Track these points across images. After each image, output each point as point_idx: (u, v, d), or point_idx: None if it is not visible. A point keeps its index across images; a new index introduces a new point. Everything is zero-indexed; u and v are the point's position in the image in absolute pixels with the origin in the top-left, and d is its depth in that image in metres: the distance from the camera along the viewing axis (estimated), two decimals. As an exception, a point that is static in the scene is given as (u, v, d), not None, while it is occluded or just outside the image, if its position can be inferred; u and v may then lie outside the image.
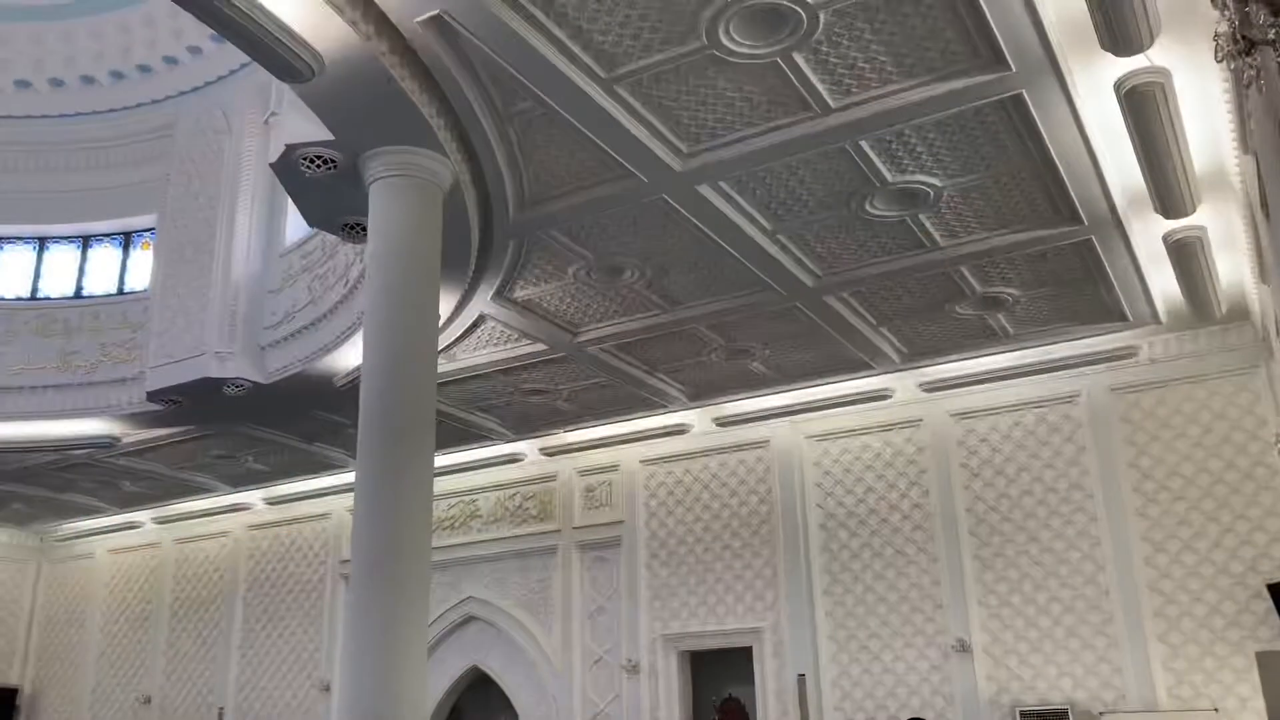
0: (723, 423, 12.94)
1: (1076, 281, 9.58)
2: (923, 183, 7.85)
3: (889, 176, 7.75)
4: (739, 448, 12.92)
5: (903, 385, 11.95)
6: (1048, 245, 8.83)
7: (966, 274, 9.37)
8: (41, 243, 13.47)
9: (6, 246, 13.45)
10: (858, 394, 12.08)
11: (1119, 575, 10.62)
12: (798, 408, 12.44)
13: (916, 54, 6.36)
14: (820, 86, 6.66)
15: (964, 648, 11.06)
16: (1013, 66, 6.35)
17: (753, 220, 8.41)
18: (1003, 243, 8.79)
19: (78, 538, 18.02)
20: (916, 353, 11.30)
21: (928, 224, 8.52)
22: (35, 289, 13.26)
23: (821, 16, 5.99)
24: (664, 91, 6.72)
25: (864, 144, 7.31)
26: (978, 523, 11.41)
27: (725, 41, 6.19)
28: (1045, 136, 7.14)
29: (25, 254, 13.44)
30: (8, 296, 13.15)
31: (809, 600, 11.99)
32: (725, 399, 12.57)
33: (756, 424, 12.76)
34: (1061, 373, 11.29)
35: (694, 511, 13.01)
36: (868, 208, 8.20)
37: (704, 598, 12.64)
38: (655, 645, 12.73)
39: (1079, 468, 11.11)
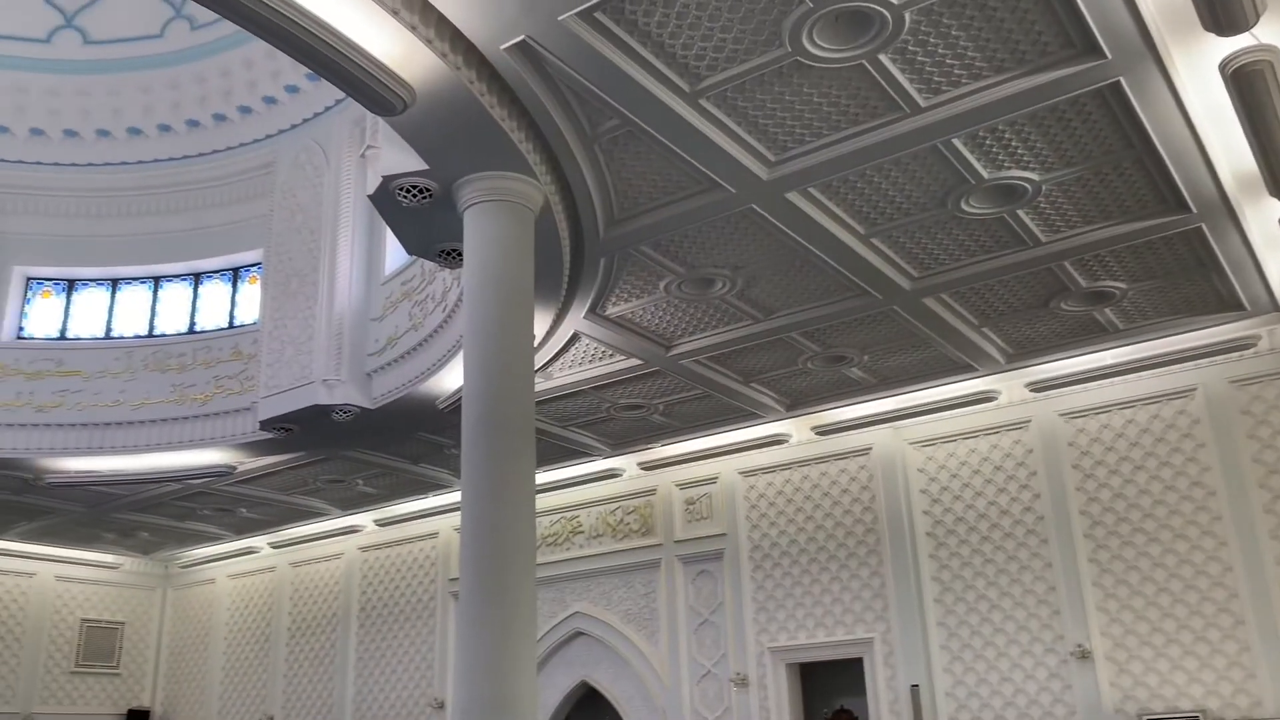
0: (822, 431, 12.80)
1: (1187, 271, 9.22)
2: (1020, 178, 7.67)
3: (984, 173, 7.59)
4: (840, 456, 12.75)
5: (1008, 386, 11.65)
6: (1155, 235, 8.52)
7: (1070, 269, 9.10)
8: (156, 282, 14.09)
9: (124, 287, 14.11)
10: (962, 397, 11.82)
11: (1248, 576, 10.14)
12: (899, 413, 12.23)
13: (1007, 48, 6.22)
14: (909, 86, 6.56)
15: (1084, 654, 10.69)
16: (1108, 54, 6.16)
17: (845, 225, 8.32)
18: (1106, 235, 8.52)
19: (200, 564, 18.74)
20: (1021, 352, 11.02)
21: (1027, 220, 8.30)
22: (152, 326, 13.88)
23: (907, 16, 5.91)
24: (749, 101, 6.71)
25: (956, 142, 7.17)
26: (1093, 525, 11.03)
27: (809, 47, 6.15)
28: (1147, 124, 6.90)
29: (142, 293, 14.08)
30: (127, 335, 13.79)
31: (919, 609, 11.74)
32: (824, 407, 12.44)
33: (857, 431, 12.58)
34: (1175, 366, 10.87)
35: (796, 522, 12.88)
36: (963, 206, 8.04)
37: (810, 609, 12.49)
38: (763, 658, 12.62)
39: (1199, 465, 10.66)
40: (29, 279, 13.91)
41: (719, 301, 9.68)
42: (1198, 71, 6.43)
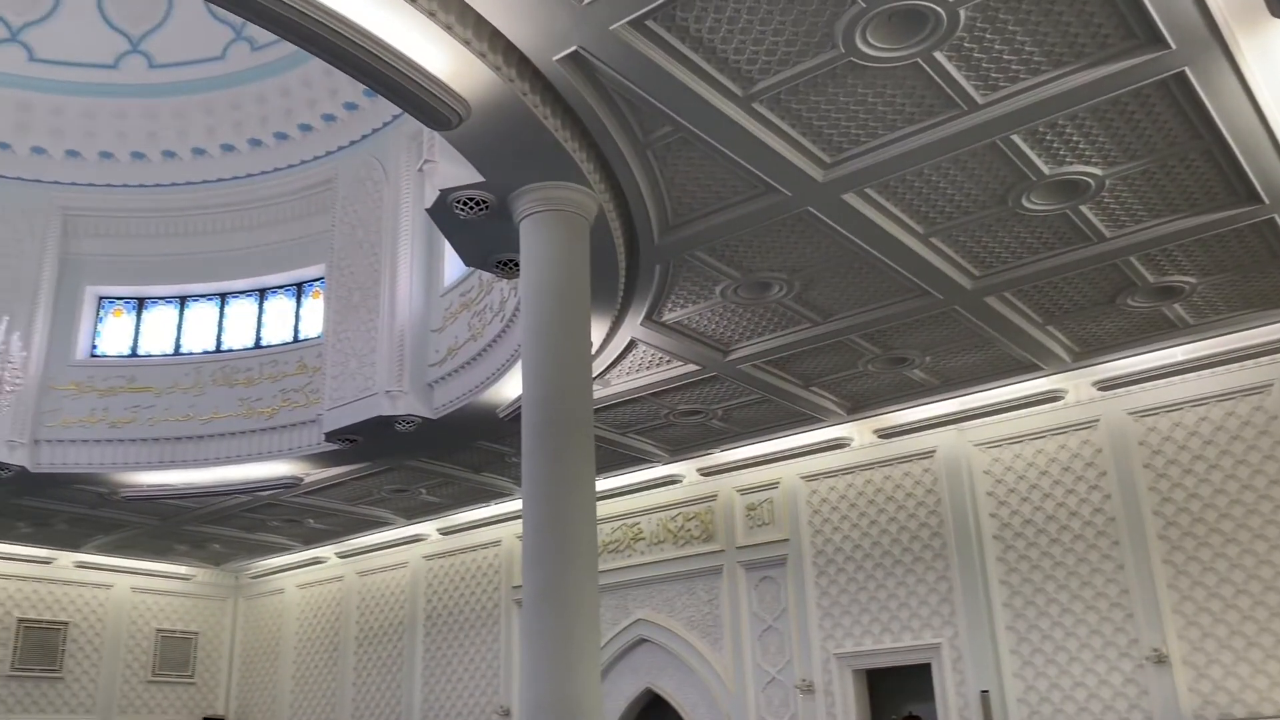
0: (885, 434, 12.66)
1: (1260, 263, 8.96)
2: (1082, 173, 7.52)
3: (1045, 169, 7.45)
4: (904, 459, 12.60)
5: (1075, 385, 11.42)
6: (1225, 228, 8.30)
7: (1136, 264, 8.90)
8: (223, 298, 14.42)
9: (192, 304, 14.45)
10: (1027, 397, 11.61)
11: (1332, 577, 9.81)
12: (964, 415, 12.05)
13: (1065, 41, 6.10)
14: (965, 83, 6.47)
15: (1161, 659, 10.42)
16: (1172, 44, 6.02)
17: (903, 225, 8.22)
18: (1174, 229, 8.31)
19: (269, 574, 19.10)
20: (1088, 350, 10.80)
21: (1090, 215, 8.14)
22: (219, 342, 14.19)
23: (962, 13, 5.83)
24: (803, 103, 6.67)
25: (1016, 138, 7.05)
26: (1166, 526, 10.75)
27: (863, 47, 6.09)
28: (1215, 114, 6.72)
29: (209, 310, 14.41)
30: (195, 351, 14.13)
31: (988, 613, 11.54)
32: (886, 410, 12.30)
33: (920, 434, 12.42)
34: (1250, 362, 10.56)
35: (860, 527, 12.75)
36: (1025, 203, 7.90)
37: (876, 614, 12.35)
38: (829, 664, 12.51)
39: (1276, 462, 10.33)
40: (101, 298, 14.31)
41: (776, 305, 9.63)
42: (1266, 59, 6.25)
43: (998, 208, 7.99)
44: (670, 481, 14.27)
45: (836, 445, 12.97)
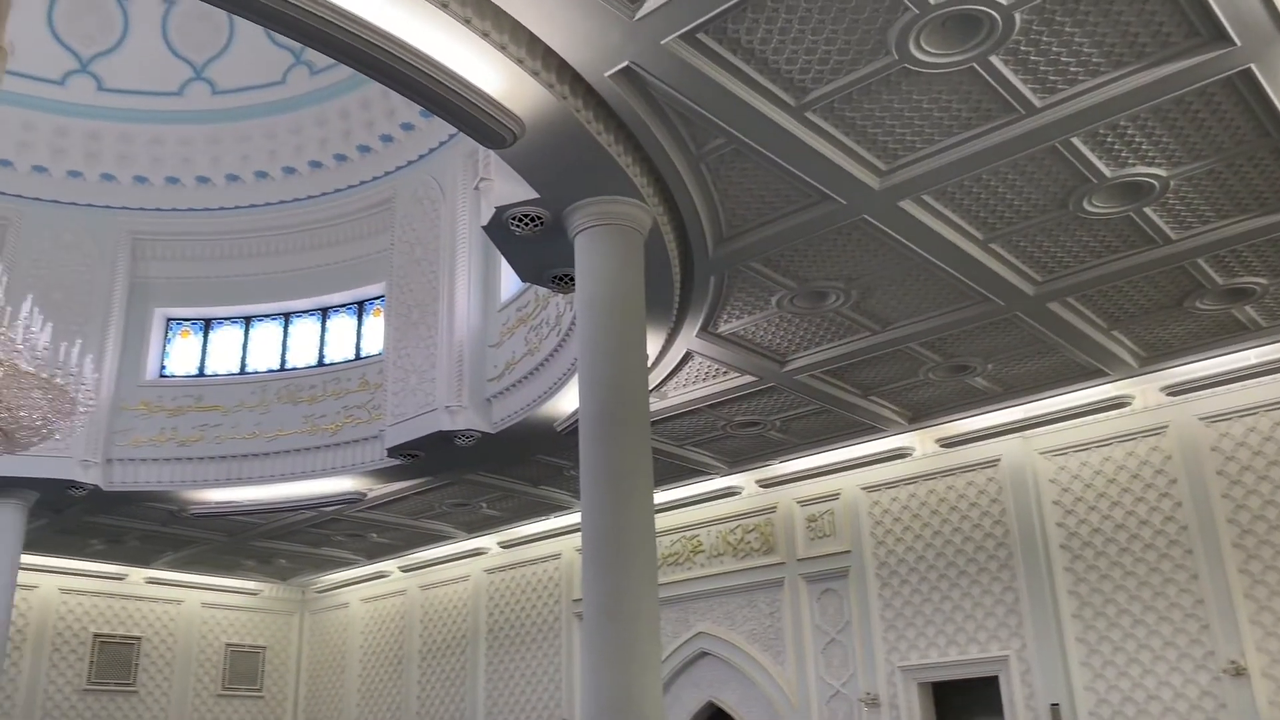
0: (947, 443, 12.48)
1: (1336, 263, 8.70)
2: (1146, 174, 7.36)
3: (1107, 172, 7.31)
4: (967, 468, 12.40)
5: (1143, 391, 11.16)
6: (1297, 226, 8.07)
7: (1204, 266, 8.68)
8: (287, 318, 14.70)
9: (257, 324, 14.76)
10: (1093, 403, 11.38)
11: None
12: (1028, 422, 11.84)
13: (1125, 41, 5.99)
14: (1022, 87, 6.38)
15: (1239, 671, 10.10)
16: (1236, 40, 5.88)
17: (962, 231, 8.12)
18: (1243, 229, 8.09)
19: (334, 589, 19.37)
20: (1156, 355, 10.55)
21: (1155, 217, 7.96)
22: (284, 361, 14.47)
23: (1018, 16, 5.75)
24: (856, 111, 6.63)
25: (1076, 141, 6.93)
26: (1242, 534, 10.44)
27: (916, 53, 6.04)
28: (1283, 110, 6.55)
29: (273, 329, 14.70)
30: (261, 369, 14.41)
31: (1056, 624, 11.30)
32: (948, 418, 12.13)
33: (984, 442, 12.22)
34: (1327, 364, 10.25)
35: (924, 538, 12.57)
36: (1086, 206, 7.76)
37: (941, 626, 12.15)
38: (893, 677, 12.33)
39: (1358, 467, 9.99)
40: (169, 320, 14.68)
41: (833, 315, 9.56)
42: (1337, 52, 6.08)
43: (1059, 212, 7.86)
44: (729, 493, 14.21)
45: (898, 455, 12.81)
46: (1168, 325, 9.88)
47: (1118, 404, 11.30)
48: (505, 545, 16.73)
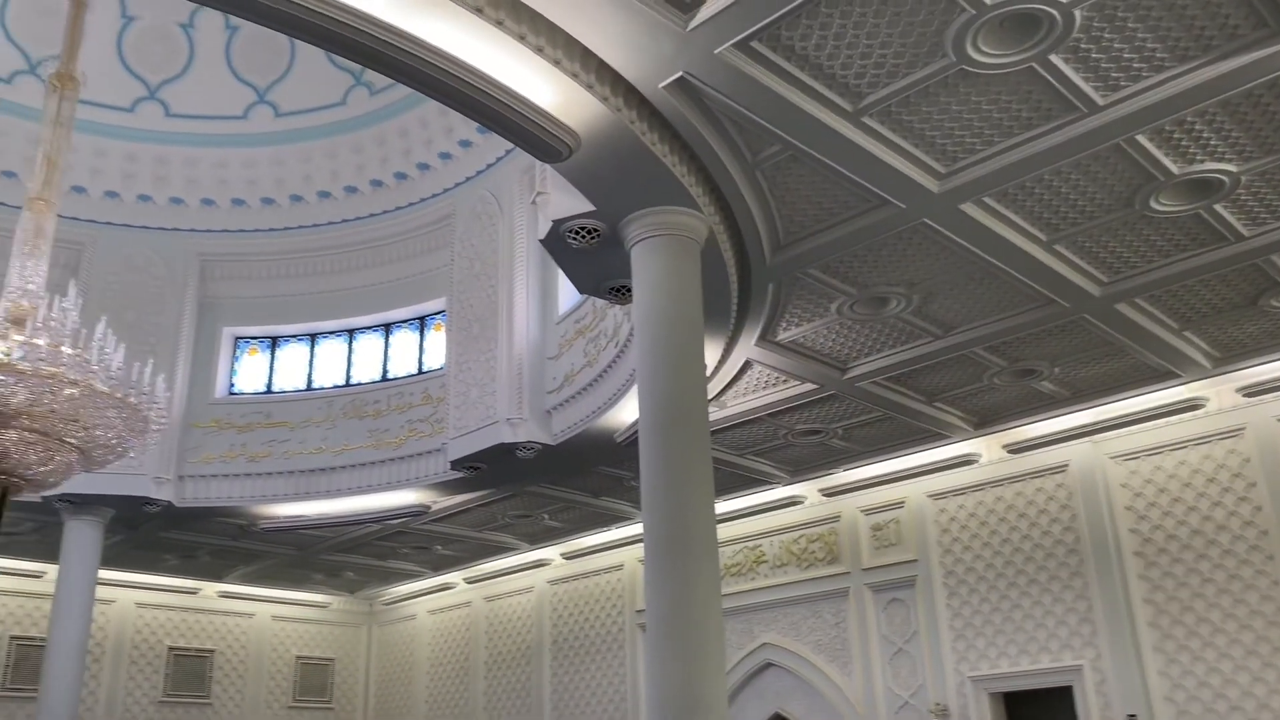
0: (1014, 449, 12.25)
1: None
2: (1215, 170, 7.17)
3: (1174, 169, 7.14)
4: (1035, 474, 12.16)
5: (1217, 392, 10.85)
6: (1378, 220, 7.79)
7: (1279, 263, 8.43)
8: (351, 334, 14.94)
9: (322, 340, 15.02)
10: (1166, 406, 11.09)
11: None
12: (1098, 426, 11.57)
13: (1190, 35, 5.85)
14: (1084, 85, 6.26)
15: (1326, 682, 9.75)
16: (1310, 29, 5.71)
17: (1024, 233, 7.98)
18: (1320, 223, 7.85)
19: (401, 601, 19.59)
20: (1230, 355, 10.26)
21: (1225, 214, 7.75)
22: (348, 376, 14.70)
23: (1078, 14, 5.64)
24: (914, 114, 6.55)
25: (1141, 138, 6.78)
26: (1327, 539, 10.08)
27: (974, 55, 5.96)
28: (1360, 100, 6.34)
29: (338, 346, 14.95)
30: (326, 385, 14.65)
31: (1132, 633, 11.01)
32: (1014, 424, 11.91)
33: (1052, 448, 11.97)
34: None
35: (992, 545, 12.34)
36: (1153, 205, 7.58)
37: (1012, 636, 11.91)
38: (963, 687, 12.12)
39: None
40: (237, 338, 15.01)
41: (895, 320, 9.45)
42: None
43: (1124, 211, 7.69)
44: (791, 503, 14.10)
45: (964, 462, 12.61)
46: (1241, 324, 9.60)
47: (1191, 406, 11.00)
48: (568, 556, 16.79)
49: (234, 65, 13.58)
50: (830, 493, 13.75)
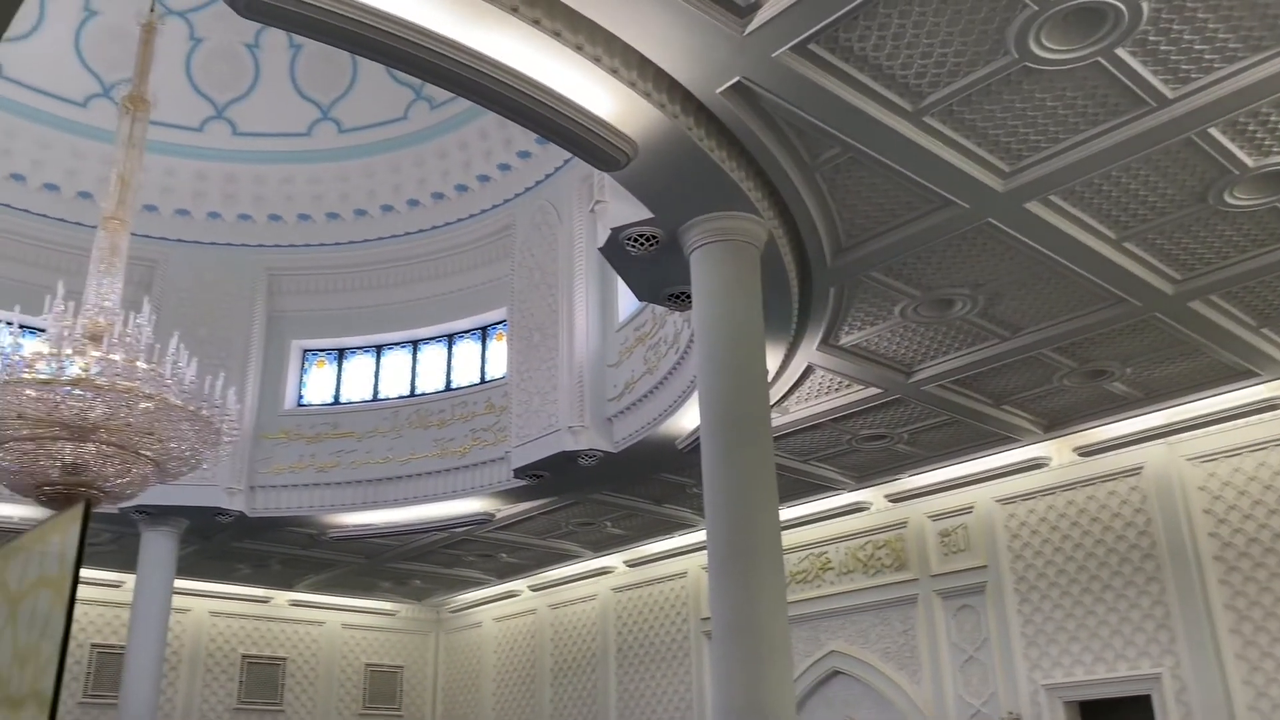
0: (1085, 452, 11.98)
1: None
2: (1292, 162, 6.95)
3: (1249, 162, 6.93)
4: (1108, 477, 11.87)
5: (1298, 391, 10.51)
6: None
7: (1363, 256, 8.15)
8: (415, 345, 15.15)
9: (387, 352, 15.24)
10: (1244, 406, 10.74)
11: None
12: (1173, 428, 11.26)
13: (1264, 24, 5.67)
14: (1152, 79, 6.11)
15: None
16: (1391, 13, 5.51)
17: (1093, 231, 7.81)
18: (1407, 214, 7.56)
19: (467, 608, 19.76)
20: (1311, 352, 9.93)
21: (1305, 207, 7.51)
22: (413, 387, 14.90)
23: (1145, 6, 5.51)
24: (976, 113, 6.45)
25: (1214, 131, 6.59)
26: None
27: (1037, 51, 5.85)
28: None
29: (403, 357, 15.16)
30: (392, 396, 14.86)
31: (1212, 641, 10.68)
32: (1085, 426, 11.64)
33: (1125, 450, 11.68)
34: None
35: (1064, 550, 12.07)
36: (1227, 199, 7.36)
37: (1087, 643, 11.64)
38: (1037, 695, 11.85)
39: None
40: (305, 351, 15.29)
41: (960, 322, 9.31)
42: None
43: (1197, 206, 7.48)
44: (857, 509, 13.94)
45: (1034, 465, 12.36)
46: (1325, 320, 9.29)
47: (1270, 406, 10.65)
48: (631, 564, 16.79)
49: (298, 83, 13.86)
50: (896, 498, 13.57)
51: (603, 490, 13.43)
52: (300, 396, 15.02)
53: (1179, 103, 6.32)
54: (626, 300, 12.24)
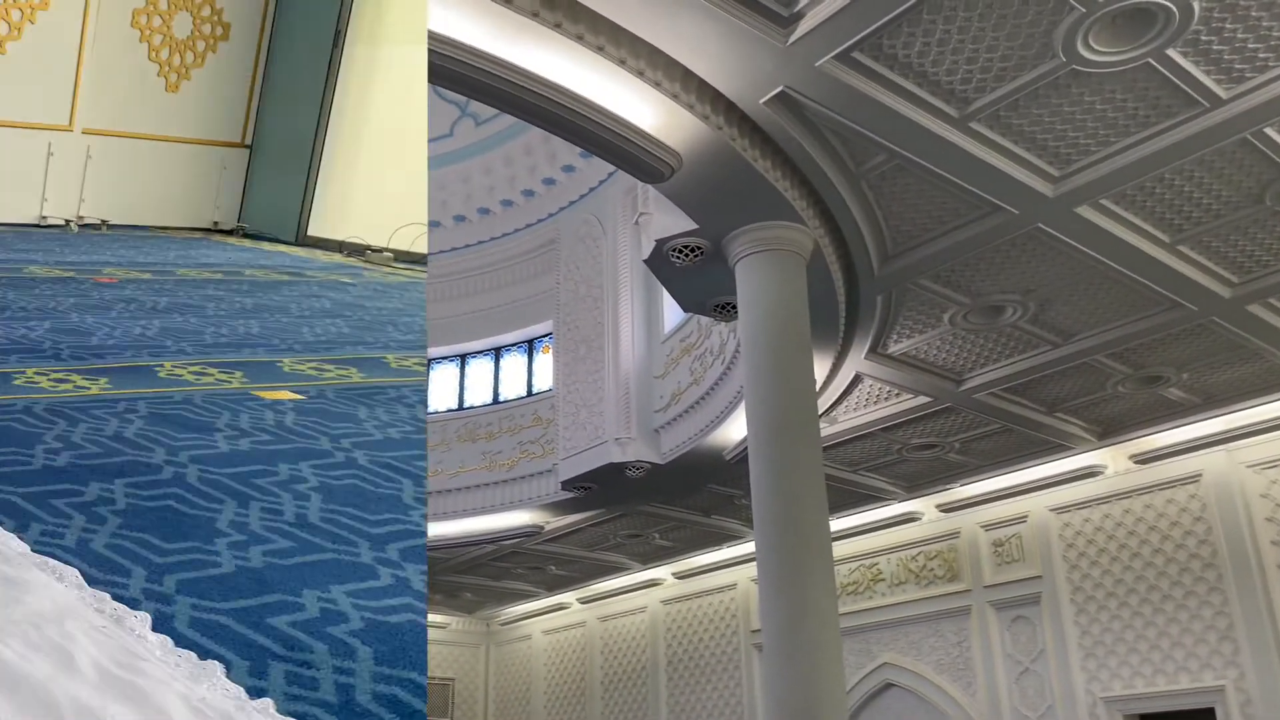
0: (1142, 460, 11.75)
1: None
2: (1353, 161, 6.79)
3: (1307, 161, 6.78)
4: (1165, 485, 11.62)
5: (1363, 395, 10.23)
6: None
7: None
8: (463, 359, 15.27)
9: (436, 366, 15.38)
10: (1306, 411, 10.50)
11: None
12: (1232, 434, 10.99)
13: (1322, 19, 5.56)
14: (1205, 79, 6.00)
15: None
16: None
17: (1146, 234, 7.67)
18: None
19: (517, 621, 19.82)
20: (1376, 355, 9.67)
21: (1367, 206, 7.33)
22: (461, 400, 15.01)
23: (1196, 5, 5.42)
24: (1024, 118, 6.38)
25: (1270, 131, 6.46)
26: None
27: (1085, 54, 5.77)
28: None
29: (451, 371, 15.29)
30: (440, 409, 14.99)
31: (1278, 652, 10.41)
32: (1141, 433, 11.42)
33: (1183, 457, 11.43)
34: None
35: (1121, 560, 11.84)
36: (1285, 200, 7.22)
37: (1146, 655, 11.39)
38: (1096, 708, 11.62)
39: None
40: (356, 366, 15.45)
41: (1011, 329, 9.19)
42: None
43: (1254, 208, 7.33)
44: (908, 519, 13.79)
45: (1088, 474, 12.14)
46: (1390, 322, 9.04)
47: (1336, 411, 10.40)
48: (680, 576, 16.75)
49: (346, 103, 14.09)
50: (948, 508, 13.40)
51: (650, 502, 13.42)
52: (351, 411, 15.18)
53: (1233, 103, 6.20)
54: (672, 311, 12.24)
